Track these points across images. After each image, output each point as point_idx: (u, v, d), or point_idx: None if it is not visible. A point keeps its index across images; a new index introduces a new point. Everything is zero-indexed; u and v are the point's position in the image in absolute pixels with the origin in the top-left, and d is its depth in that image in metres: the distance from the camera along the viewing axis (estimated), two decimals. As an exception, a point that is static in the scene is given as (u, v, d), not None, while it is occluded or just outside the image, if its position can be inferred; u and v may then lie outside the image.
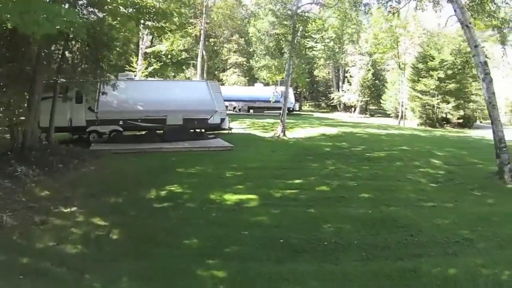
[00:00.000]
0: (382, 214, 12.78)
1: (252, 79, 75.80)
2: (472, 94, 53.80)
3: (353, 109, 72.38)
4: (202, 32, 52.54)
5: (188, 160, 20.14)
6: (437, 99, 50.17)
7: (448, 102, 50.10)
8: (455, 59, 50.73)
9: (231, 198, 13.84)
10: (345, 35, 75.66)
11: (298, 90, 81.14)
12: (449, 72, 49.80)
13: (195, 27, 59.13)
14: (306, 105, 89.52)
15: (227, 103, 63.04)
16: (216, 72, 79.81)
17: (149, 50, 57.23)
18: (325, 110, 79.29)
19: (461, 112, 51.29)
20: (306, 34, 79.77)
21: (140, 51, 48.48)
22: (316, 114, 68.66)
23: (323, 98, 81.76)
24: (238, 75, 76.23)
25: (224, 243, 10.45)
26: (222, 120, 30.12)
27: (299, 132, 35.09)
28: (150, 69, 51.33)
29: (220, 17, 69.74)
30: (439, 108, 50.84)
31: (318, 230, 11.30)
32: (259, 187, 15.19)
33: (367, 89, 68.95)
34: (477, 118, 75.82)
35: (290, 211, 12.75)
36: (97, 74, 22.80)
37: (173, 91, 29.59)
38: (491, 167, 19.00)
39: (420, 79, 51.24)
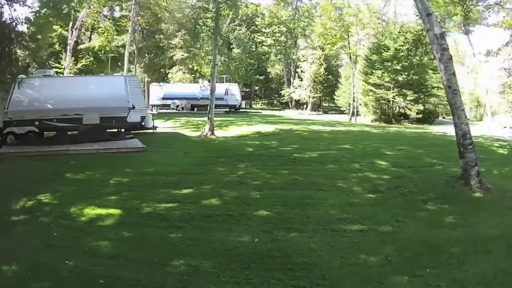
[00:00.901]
0: (272, 246, 8.75)
1: (199, 77, 70.58)
2: (434, 88, 49.24)
3: (305, 106, 67.65)
4: (130, 25, 46.99)
5: (86, 163, 17.83)
6: (393, 93, 45.48)
7: (405, 96, 45.28)
8: (411, 48, 46.28)
9: (90, 212, 11.16)
10: (297, 28, 71.31)
11: (245, 87, 76.30)
12: (405, 63, 45.05)
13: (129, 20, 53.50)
14: (259, 103, 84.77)
15: (169, 101, 58.68)
16: (162, 70, 74.22)
17: (83, 46, 53.51)
18: (277, 108, 74.67)
19: (421, 107, 46.26)
20: (256, 29, 76.08)
21: (68, 47, 44.40)
22: (266, 112, 64.05)
23: (276, 96, 76.32)
24: (184, 72, 70.71)
25: (36, 277, 7.56)
26: (143, 118, 27.82)
27: (233, 130, 32.06)
28: (79, 65, 49.09)
29: (157, 9, 63.66)
30: (394, 102, 46.06)
31: (159, 270, 7.76)
32: (134, 198, 12.42)
33: (319, 85, 64.45)
34: (440, 113, 72.36)
35: (145, 235, 9.57)
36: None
37: (89, 87, 27.47)
38: (453, 168, 15.23)
39: (373, 71, 46.40)
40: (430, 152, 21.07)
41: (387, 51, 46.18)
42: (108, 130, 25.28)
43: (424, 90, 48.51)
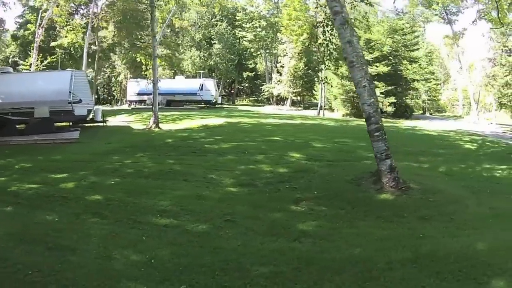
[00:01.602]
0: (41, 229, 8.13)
1: (179, 72, 69.43)
2: (413, 80, 47.64)
3: (286, 102, 66.19)
4: (89, 21, 46.22)
5: (16, 152, 17.99)
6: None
7: (376, 88, 43.71)
8: (386, 39, 44.74)
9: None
10: (278, 22, 69.83)
11: (228, 84, 75.07)
12: (376, 53, 43.47)
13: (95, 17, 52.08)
14: (245, 100, 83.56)
15: (145, 97, 57.58)
16: (143, 66, 72.84)
17: (54, 44, 52.75)
18: (260, 104, 72.97)
19: (393, 99, 44.54)
20: (237, 23, 74.67)
21: (34, 44, 44.25)
22: (244, 108, 62.50)
23: (261, 91, 74.58)
24: (164, 68, 69.37)
25: None
26: (89, 111, 29.17)
27: (183, 124, 31.93)
28: (45, 62, 49.09)
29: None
30: (364, 95, 44.46)
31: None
32: (15, 180, 12.30)
33: (299, 80, 62.64)
34: (427, 109, 70.80)
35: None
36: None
37: (39, 82, 28.33)
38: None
39: (342, 63, 44.82)
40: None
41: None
42: (59, 124, 26.62)
43: (401, 83, 46.87)
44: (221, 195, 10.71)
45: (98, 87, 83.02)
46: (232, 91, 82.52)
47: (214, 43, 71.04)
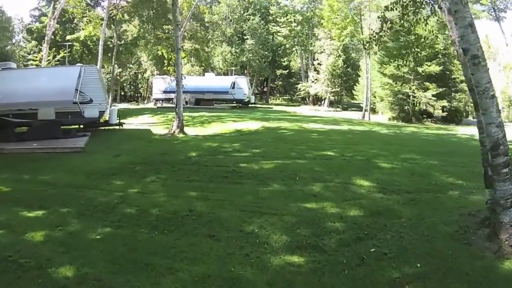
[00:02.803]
0: None
1: (210, 69, 65.36)
2: (462, 82, 42.31)
3: (323, 102, 61.53)
4: (106, 13, 41.98)
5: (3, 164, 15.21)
6: (413, 85, 38.78)
7: (427, 90, 38.66)
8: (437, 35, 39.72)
9: None
10: (314, 17, 65.21)
11: (261, 82, 70.62)
12: (429, 50, 38.48)
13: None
14: (279, 99, 78.91)
15: (172, 95, 53.76)
16: (171, 62, 68.87)
17: (70, 37, 48.95)
18: (295, 104, 68.42)
19: (445, 103, 39.45)
20: (270, 18, 70.18)
21: (46, 38, 40.03)
22: (279, 108, 57.96)
23: (296, 90, 69.92)
24: (193, 65, 65.38)
25: None
26: (101, 113, 25.31)
27: (212, 128, 27.97)
28: (58, 57, 44.07)
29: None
30: (415, 97, 39.39)
31: None
32: None
33: (337, 79, 58.07)
34: (470, 113, 65.11)
35: None
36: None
37: (43, 79, 24.65)
38: (477, 196, 10.07)
39: (391, 60, 39.96)
40: (447, 164, 15.12)
41: (406, 36, 39.67)
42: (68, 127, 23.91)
43: (450, 84, 41.75)
44: (272, 275, 6.35)
45: (125, 84, 79.64)
46: (266, 90, 77.88)
47: (247, 39, 66.69)
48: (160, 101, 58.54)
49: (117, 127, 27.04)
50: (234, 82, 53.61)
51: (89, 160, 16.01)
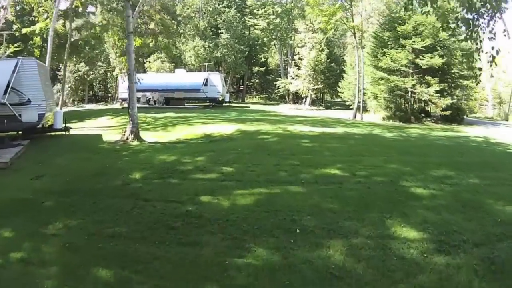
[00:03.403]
0: None
1: (180, 65, 59.84)
2: (461, 77, 37.30)
3: (304, 100, 56.44)
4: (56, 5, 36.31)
5: None
6: (412, 80, 33.84)
7: (429, 85, 33.75)
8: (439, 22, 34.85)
9: None
10: (294, 9, 60.17)
11: (237, 80, 65.40)
12: (429, 41, 33.62)
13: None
14: (255, 97, 73.69)
15: (139, 94, 48.01)
16: (140, 59, 63.16)
17: (25, 30, 43.16)
18: (274, 103, 63.25)
19: (448, 101, 34.39)
20: (247, 10, 64.89)
21: None
22: (257, 107, 52.72)
23: (274, 88, 64.73)
24: (163, 61, 59.90)
25: None
26: (41, 116, 20.49)
27: (177, 132, 23.62)
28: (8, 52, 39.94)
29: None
30: (414, 93, 34.44)
31: None
32: None
33: (320, 75, 53.10)
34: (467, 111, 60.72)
35: None
36: None
37: None
38: None
39: (386, 52, 34.97)
40: (491, 182, 11.34)
41: (403, 25, 34.79)
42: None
43: (449, 79, 36.84)
44: None
45: (94, 84, 73.87)
46: (242, 88, 72.58)
47: (221, 33, 61.34)
48: (127, 101, 53.07)
49: (63, 132, 22.68)
50: (207, 79, 48.35)
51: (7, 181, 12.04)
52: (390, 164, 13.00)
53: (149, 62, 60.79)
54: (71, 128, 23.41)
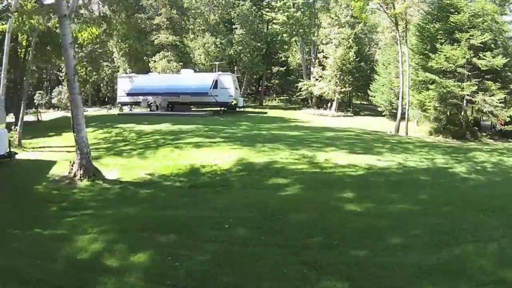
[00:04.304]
0: None
1: (189, 64, 52.89)
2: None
3: (329, 104, 49.09)
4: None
5: None
6: (471, 85, 26.31)
7: (487, 91, 26.29)
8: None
9: None
10: (317, 1, 52.86)
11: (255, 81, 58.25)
12: (488, 36, 26.27)
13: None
14: (274, 99, 66.95)
15: (140, 98, 44.00)
16: (145, 58, 56.60)
17: None
18: (295, 106, 56.19)
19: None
20: (264, 3, 57.67)
21: None
22: (275, 113, 45.95)
23: (295, 90, 57.13)
24: (170, 60, 53.08)
25: None
26: None
27: (155, 160, 17.59)
28: None
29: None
30: (472, 102, 26.93)
31: None
32: None
33: (348, 75, 45.77)
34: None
35: None
36: None
37: None
38: None
39: (438, 48, 27.48)
40: None
41: (457, 13, 27.38)
42: None
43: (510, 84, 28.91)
44: None
45: (101, 85, 67.94)
46: (260, 90, 65.18)
47: (236, 28, 54.24)
48: (129, 106, 46.49)
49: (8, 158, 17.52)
50: (217, 81, 41.42)
51: None
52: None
53: (154, 61, 54.01)
54: (16, 153, 18.57)
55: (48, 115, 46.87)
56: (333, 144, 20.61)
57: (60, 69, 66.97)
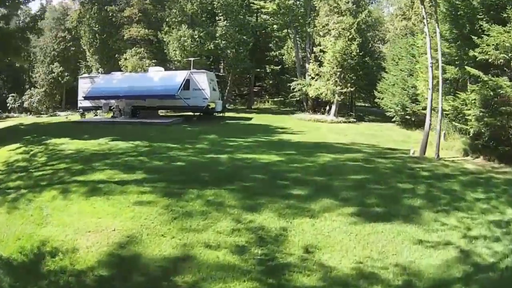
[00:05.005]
0: None
1: (165, 62, 45.16)
2: None
3: (328, 107, 41.00)
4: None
5: None
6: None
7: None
8: None
9: None
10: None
11: (229, 78, 49.93)
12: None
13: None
14: (267, 101, 59.28)
15: (102, 102, 37.23)
16: (117, 55, 49.77)
17: None
18: (289, 109, 49.07)
19: None
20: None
21: None
22: (261, 118, 38.01)
23: (289, 91, 48.96)
24: (143, 57, 45.32)
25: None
26: None
27: (13, 222, 10.80)
28: None
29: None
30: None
31: None
32: None
33: (350, 73, 37.79)
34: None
35: None
36: None
37: None
38: None
39: (483, 28, 18.86)
40: None
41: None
42: None
43: None
44: None
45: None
46: (250, 90, 56.96)
47: (219, 20, 46.17)
48: (94, 111, 38.66)
49: None
50: (188, 80, 33.58)
51: None
52: None
53: (125, 59, 46.16)
54: None
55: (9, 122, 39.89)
56: (329, 188, 12.77)
57: (33, 69, 61.07)
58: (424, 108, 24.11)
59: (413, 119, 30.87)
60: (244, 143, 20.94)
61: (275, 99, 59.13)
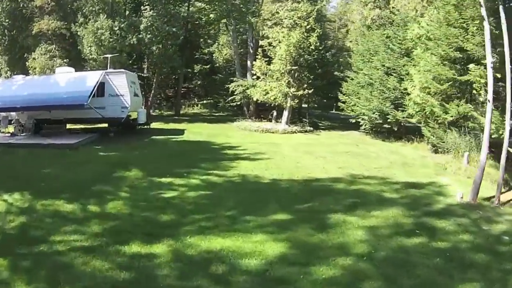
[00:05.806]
0: None
1: (78, 61, 36.77)
2: None
3: (275, 113, 34.29)
4: None
5: None
6: None
7: None
8: None
9: None
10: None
11: (155, 79, 41.81)
12: None
13: None
14: (197, 105, 51.42)
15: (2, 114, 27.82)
16: (26, 54, 40.29)
17: None
18: (223, 114, 42.53)
19: None
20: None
21: None
22: (194, 128, 31.14)
23: (223, 93, 42.90)
24: (53, 56, 37.07)
25: None
26: None
27: None
28: None
29: None
30: None
31: None
32: None
33: (306, 71, 31.05)
34: None
35: None
36: None
37: None
38: None
39: None
40: None
41: None
42: None
43: None
44: None
45: None
46: (177, 93, 48.72)
47: (145, 10, 38.11)
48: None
49: None
50: (103, 84, 25.59)
51: None
52: None
53: (34, 58, 37.44)
54: None
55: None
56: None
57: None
58: (411, 116, 18.08)
59: (395, 129, 24.68)
60: (188, 192, 13.18)
61: (205, 102, 52.05)
